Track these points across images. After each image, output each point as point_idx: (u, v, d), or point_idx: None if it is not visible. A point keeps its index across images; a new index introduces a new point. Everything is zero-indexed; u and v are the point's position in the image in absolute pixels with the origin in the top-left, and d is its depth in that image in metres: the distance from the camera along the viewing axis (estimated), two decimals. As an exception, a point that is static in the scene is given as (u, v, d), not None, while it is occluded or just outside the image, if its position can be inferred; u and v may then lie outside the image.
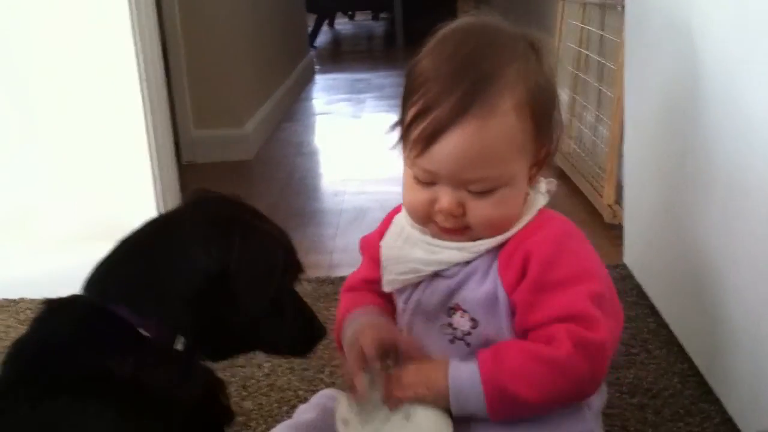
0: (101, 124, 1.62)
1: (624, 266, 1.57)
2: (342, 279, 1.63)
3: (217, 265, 0.85)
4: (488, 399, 0.83)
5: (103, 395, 0.76)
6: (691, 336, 1.25)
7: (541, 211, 0.91)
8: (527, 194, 0.92)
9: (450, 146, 0.85)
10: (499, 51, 0.88)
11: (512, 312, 0.88)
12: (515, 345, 0.86)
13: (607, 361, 0.86)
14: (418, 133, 0.87)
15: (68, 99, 1.62)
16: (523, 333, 0.87)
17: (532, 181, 0.92)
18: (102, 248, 1.65)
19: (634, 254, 1.56)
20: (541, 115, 0.88)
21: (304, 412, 0.99)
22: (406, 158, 0.90)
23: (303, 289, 1.60)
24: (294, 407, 1.06)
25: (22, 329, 1.49)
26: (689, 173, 1.21)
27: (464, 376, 0.85)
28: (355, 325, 0.94)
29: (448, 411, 0.87)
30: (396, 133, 0.92)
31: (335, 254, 1.87)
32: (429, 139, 0.86)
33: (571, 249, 0.89)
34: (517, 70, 0.87)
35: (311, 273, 1.72)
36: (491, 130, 0.84)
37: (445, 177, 0.87)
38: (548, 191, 0.94)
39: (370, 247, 1.03)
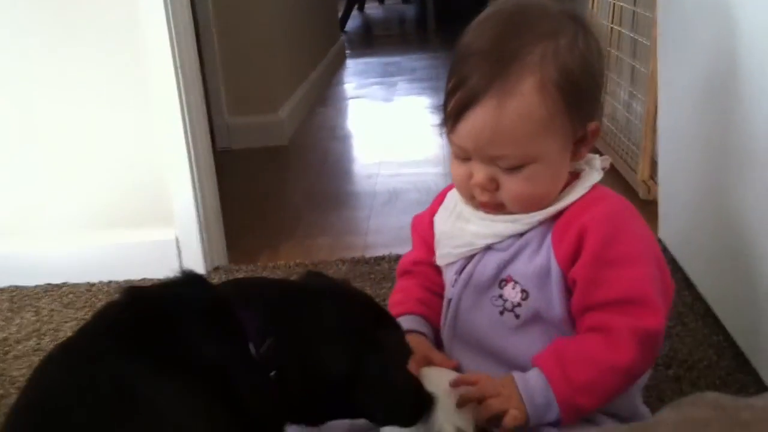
0: (137, 112, 1.65)
1: (659, 241, 1.57)
2: (376, 259, 1.67)
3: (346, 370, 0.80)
4: (564, 415, 0.85)
5: (186, 375, 0.72)
6: (728, 308, 1.25)
7: (595, 187, 0.92)
8: (582, 171, 0.94)
9: (471, 124, 0.88)
10: (531, 30, 0.89)
11: (564, 286, 0.89)
12: (580, 353, 0.86)
13: (661, 344, 0.88)
14: (449, 110, 0.90)
15: (107, 88, 1.65)
16: (581, 311, 0.88)
17: (578, 156, 0.93)
18: (141, 234, 1.70)
19: (669, 229, 1.56)
20: (574, 93, 0.88)
21: None
22: (447, 134, 0.93)
23: (338, 269, 1.64)
24: None
25: (66, 312, 1.56)
26: (726, 147, 1.21)
27: (539, 401, 0.85)
28: None
29: None
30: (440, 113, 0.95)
31: (369, 236, 1.89)
32: (457, 116, 0.89)
33: (629, 226, 0.90)
34: (544, 49, 0.87)
35: (346, 254, 1.75)
36: (508, 110, 0.86)
37: (473, 153, 0.90)
38: (603, 168, 0.96)
39: (422, 227, 1.06)
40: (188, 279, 0.81)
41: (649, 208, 1.69)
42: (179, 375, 0.72)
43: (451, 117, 0.90)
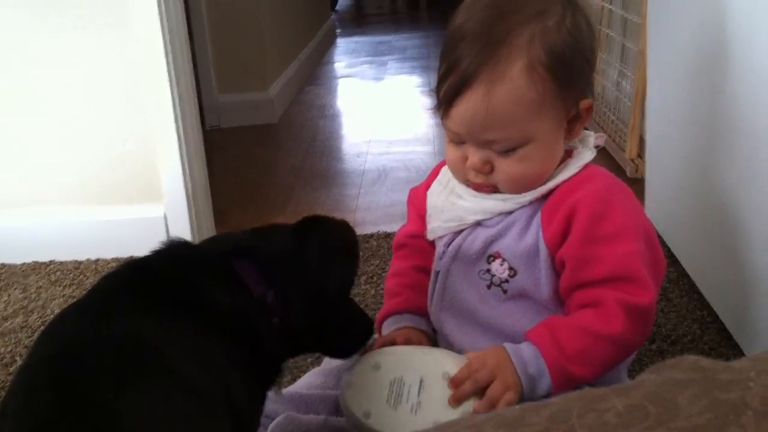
0: (126, 90, 1.65)
1: (646, 218, 1.58)
2: (365, 237, 1.68)
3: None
4: (555, 384, 0.85)
5: (196, 320, 0.75)
6: (712, 284, 1.26)
7: (586, 166, 0.93)
8: (575, 149, 0.94)
9: (462, 109, 0.88)
10: (518, 12, 0.88)
11: (552, 266, 0.89)
12: (571, 324, 0.86)
13: (653, 319, 0.88)
14: (441, 95, 0.90)
15: (96, 65, 1.64)
16: (571, 289, 0.88)
17: (572, 134, 0.93)
18: (130, 211, 1.70)
19: (656, 207, 1.57)
20: (564, 72, 0.88)
21: (332, 360, 1.02)
22: (441, 118, 0.94)
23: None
24: (321, 357, 1.09)
25: (53, 290, 1.56)
26: (712, 126, 1.21)
27: (531, 371, 0.85)
28: (392, 330, 1.00)
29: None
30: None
31: (359, 213, 1.89)
32: (448, 102, 0.89)
33: (617, 203, 0.90)
34: (532, 31, 0.87)
35: (335, 231, 1.75)
36: (497, 94, 0.86)
37: (466, 137, 0.90)
38: (596, 146, 0.96)
39: (417, 200, 1.07)
40: (178, 243, 0.83)
41: (636, 186, 1.69)
42: (188, 324, 0.74)
43: (444, 102, 0.90)
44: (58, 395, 0.65)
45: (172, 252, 0.82)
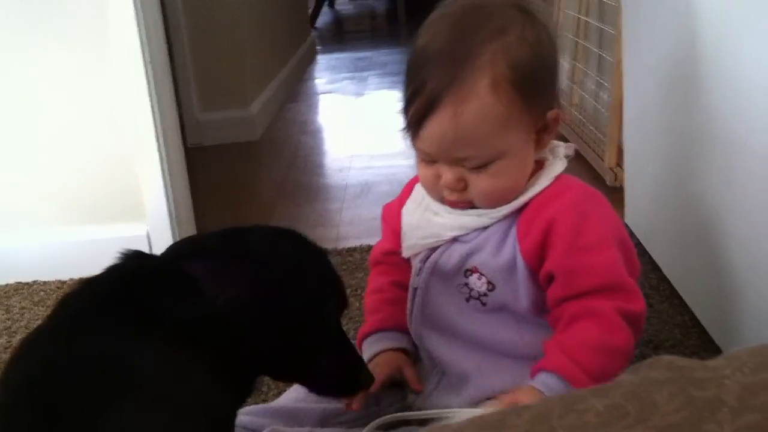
0: (107, 109, 1.65)
1: (626, 226, 1.59)
2: (349, 250, 1.68)
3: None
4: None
5: (158, 333, 0.73)
6: (693, 289, 1.28)
7: (558, 177, 0.94)
8: (545, 160, 0.95)
9: (432, 130, 0.89)
10: (479, 30, 0.89)
11: (530, 279, 0.90)
12: (583, 344, 0.85)
13: (644, 324, 0.89)
14: (410, 118, 0.91)
15: (76, 84, 1.64)
16: (561, 300, 0.88)
17: (541, 145, 0.94)
18: (112, 230, 1.70)
19: (635, 214, 1.59)
20: (529, 86, 0.89)
21: None
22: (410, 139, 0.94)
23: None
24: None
25: (36, 310, 1.55)
26: (689, 134, 1.23)
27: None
28: (373, 350, 1.01)
29: None
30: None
31: (342, 227, 1.89)
32: (417, 124, 0.90)
33: (594, 212, 0.91)
34: (494, 48, 0.88)
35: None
36: (465, 114, 0.87)
37: (437, 156, 0.91)
38: (566, 156, 0.97)
39: (391, 217, 1.07)
40: (131, 254, 0.82)
41: (616, 194, 1.72)
42: (153, 339, 0.72)
43: (413, 125, 0.91)
44: (37, 420, 0.64)
45: (126, 266, 0.80)
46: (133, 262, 0.81)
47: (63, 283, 1.67)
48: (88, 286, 0.79)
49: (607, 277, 0.87)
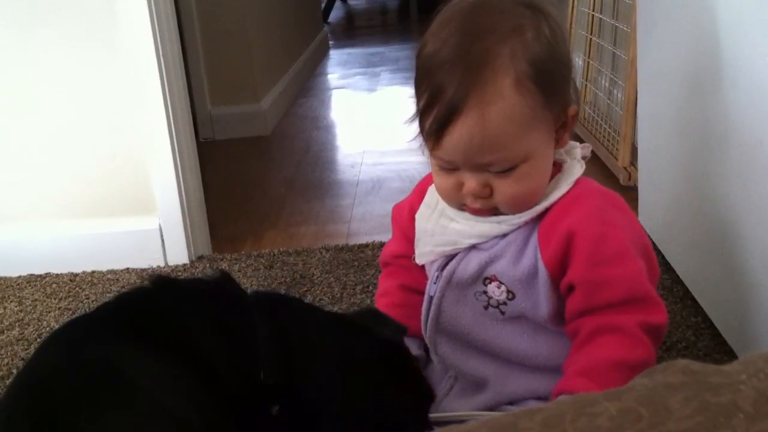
0: (121, 102, 1.65)
1: (639, 226, 1.58)
2: (360, 247, 1.68)
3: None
4: None
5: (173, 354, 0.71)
6: (706, 290, 1.27)
7: (578, 182, 0.92)
8: (563, 163, 0.93)
9: (456, 137, 0.86)
10: (494, 31, 0.87)
11: (551, 287, 0.89)
12: (603, 363, 0.83)
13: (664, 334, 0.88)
14: (428, 127, 0.88)
15: (90, 78, 1.64)
16: (583, 312, 0.86)
17: (561, 143, 0.93)
18: (124, 223, 1.70)
19: (648, 214, 1.58)
20: (549, 82, 0.88)
21: None
22: (427, 149, 0.92)
23: (322, 257, 1.64)
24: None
25: (48, 302, 1.56)
26: (704, 133, 1.22)
27: None
28: None
29: None
30: (415, 123, 0.92)
31: (353, 223, 1.89)
32: (438, 132, 0.87)
33: (615, 221, 0.89)
34: (512, 47, 0.86)
35: (330, 242, 1.76)
36: (492, 116, 0.85)
37: (461, 164, 0.89)
38: (584, 157, 0.95)
39: (401, 219, 1.05)
40: (217, 280, 0.79)
41: (629, 193, 1.71)
42: (172, 357, 0.71)
43: (432, 135, 0.88)
44: (33, 425, 0.65)
45: (182, 292, 0.78)
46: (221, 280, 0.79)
47: (75, 275, 1.67)
48: (130, 298, 0.78)
49: (629, 290, 0.85)
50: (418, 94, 0.90)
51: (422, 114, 0.89)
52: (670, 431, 0.44)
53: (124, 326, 0.74)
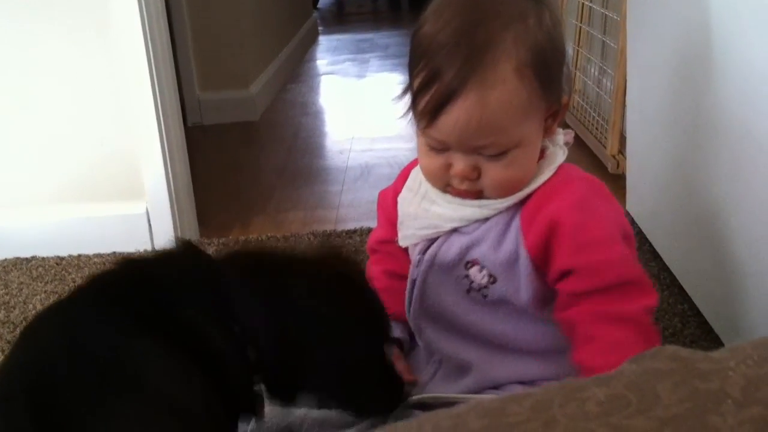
0: (108, 87, 1.64)
1: (627, 214, 1.59)
2: (348, 233, 1.68)
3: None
4: None
5: (166, 337, 0.71)
6: (693, 278, 1.28)
7: (561, 167, 0.92)
8: (546, 149, 0.93)
9: (453, 118, 0.86)
10: (496, 14, 0.87)
11: (532, 272, 0.89)
12: (625, 353, 0.83)
13: None
14: (423, 106, 0.88)
15: (77, 63, 1.63)
16: (576, 296, 0.85)
17: (549, 132, 0.93)
18: (112, 208, 1.69)
19: (636, 202, 1.58)
20: (546, 72, 0.88)
21: None
22: (417, 127, 0.91)
23: (310, 243, 1.64)
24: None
25: (34, 285, 1.55)
26: (692, 122, 1.22)
27: None
28: None
29: None
30: (405, 101, 0.92)
31: (341, 209, 1.89)
32: (434, 112, 0.87)
33: (599, 208, 0.89)
34: (515, 33, 0.86)
35: (318, 227, 1.75)
36: (492, 100, 0.85)
37: (454, 145, 0.88)
38: (566, 143, 0.95)
39: (386, 205, 1.05)
40: (183, 249, 0.80)
41: (617, 182, 1.71)
42: (159, 337, 0.71)
43: (427, 114, 0.87)
44: (30, 410, 0.64)
45: (167, 259, 0.79)
46: (179, 259, 0.79)
47: (61, 259, 1.66)
48: (125, 270, 0.78)
49: (627, 269, 0.85)
50: (414, 72, 0.90)
51: (417, 92, 0.89)
52: (659, 417, 0.44)
53: (119, 313, 0.73)
